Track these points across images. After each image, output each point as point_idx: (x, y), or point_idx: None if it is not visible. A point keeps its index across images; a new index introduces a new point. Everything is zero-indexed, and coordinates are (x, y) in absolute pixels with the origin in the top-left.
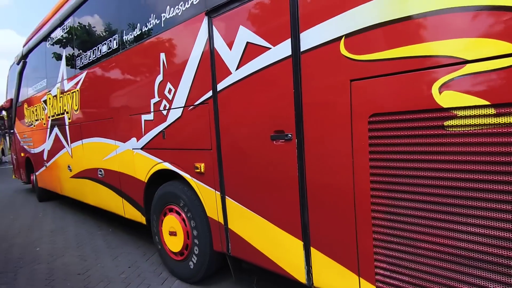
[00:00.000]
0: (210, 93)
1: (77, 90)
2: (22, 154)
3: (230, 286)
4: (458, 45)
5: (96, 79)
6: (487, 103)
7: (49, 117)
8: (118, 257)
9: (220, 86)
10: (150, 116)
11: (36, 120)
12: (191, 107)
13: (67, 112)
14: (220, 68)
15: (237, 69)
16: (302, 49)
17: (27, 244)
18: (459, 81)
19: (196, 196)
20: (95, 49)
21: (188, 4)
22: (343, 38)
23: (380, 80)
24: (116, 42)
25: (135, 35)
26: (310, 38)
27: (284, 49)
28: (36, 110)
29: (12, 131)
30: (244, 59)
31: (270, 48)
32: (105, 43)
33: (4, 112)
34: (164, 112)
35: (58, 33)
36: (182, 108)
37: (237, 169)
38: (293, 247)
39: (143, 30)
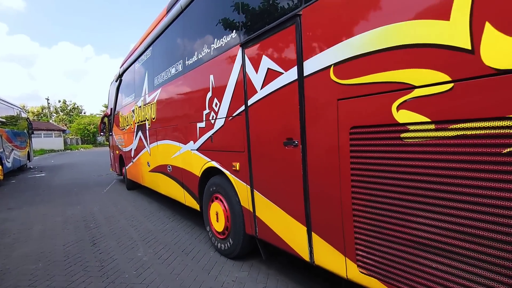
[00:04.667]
0: (243, 107)
1: (155, 103)
2: (117, 152)
3: (259, 263)
4: (409, 74)
5: (167, 94)
6: (428, 120)
7: (135, 123)
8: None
9: (250, 102)
10: (202, 124)
11: (127, 125)
12: (231, 117)
13: (147, 120)
14: (250, 87)
15: (261, 89)
16: (305, 74)
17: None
18: (409, 102)
19: (234, 189)
20: (167, 71)
21: (228, 38)
22: (332, 66)
23: (358, 100)
24: (181, 66)
25: (194, 60)
26: (310, 66)
27: (292, 74)
28: (127, 117)
29: (111, 133)
30: (265, 81)
31: (283, 73)
32: (173, 66)
33: (106, 119)
34: (212, 121)
35: (142, 58)
36: (224, 118)
37: (261, 168)
38: (300, 231)
39: (199, 57)
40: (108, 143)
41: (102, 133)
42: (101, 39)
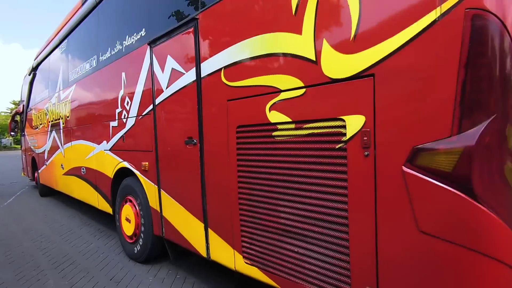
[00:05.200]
0: (151, 106)
1: (69, 100)
2: (30, 154)
3: (167, 266)
4: (277, 79)
5: (81, 91)
6: (290, 120)
7: (49, 122)
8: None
9: (157, 101)
10: (115, 123)
11: (40, 124)
12: (141, 116)
13: (62, 118)
14: (157, 86)
15: (166, 88)
16: (202, 76)
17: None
18: (277, 104)
19: (143, 190)
20: (81, 66)
21: (138, 36)
22: (223, 69)
23: (242, 101)
24: (95, 62)
25: (107, 56)
26: (206, 67)
27: (192, 74)
28: (40, 115)
29: (23, 133)
30: (170, 81)
31: (184, 74)
32: (87, 62)
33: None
34: (124, 120)
35: (58, 51)
36: (135, 117)
37: (166, 167)
38: (198, 229)
39: (112, 53)
40: (20, 146)
41: (13, 133)
42: (10, 25)
